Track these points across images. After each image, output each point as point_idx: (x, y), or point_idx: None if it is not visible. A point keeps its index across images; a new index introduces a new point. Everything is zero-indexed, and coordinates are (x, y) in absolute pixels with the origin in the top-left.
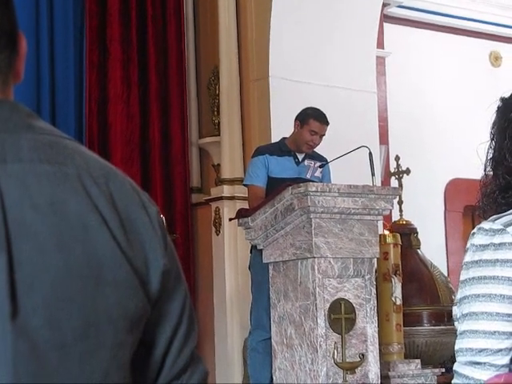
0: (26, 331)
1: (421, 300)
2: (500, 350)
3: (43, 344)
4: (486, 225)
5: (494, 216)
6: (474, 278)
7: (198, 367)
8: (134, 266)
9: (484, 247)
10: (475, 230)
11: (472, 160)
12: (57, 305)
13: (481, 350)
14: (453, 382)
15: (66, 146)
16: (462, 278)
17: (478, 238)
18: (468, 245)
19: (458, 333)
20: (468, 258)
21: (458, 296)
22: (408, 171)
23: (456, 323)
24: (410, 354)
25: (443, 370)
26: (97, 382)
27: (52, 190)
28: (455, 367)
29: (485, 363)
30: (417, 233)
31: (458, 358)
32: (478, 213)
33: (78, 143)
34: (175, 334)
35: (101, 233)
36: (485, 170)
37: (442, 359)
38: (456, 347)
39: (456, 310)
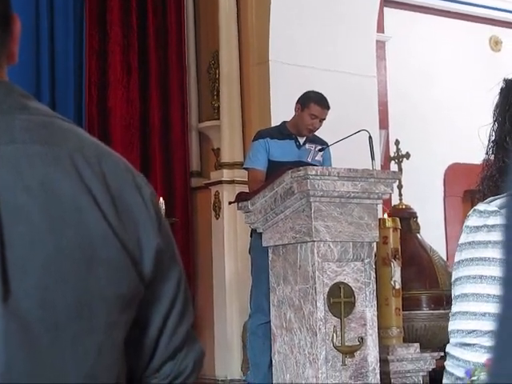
0: (17, 313)
1: (420, 284)
2: (490, 332)
3: (36, 325)
4: (480, 206)
5: (490, 198)
6: (466, 259)
7: (194, 347)
8: (126, 247)
9: (478, 229)
10: (470, 212)
11: (472, 144)
12: (49, 286)
13: (471, 332)
14: (445, 363)
15: (60, 126)
16: (455, 259)
17: (472, 220)
18: (463, 226)
19: (450, 314)
20: (462, 239)
21: (452, 278)
22: (408, 155)
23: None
24: (408, 337)
25: (442, 353)
26: (90, 362)
27: (44, 171)
28: (447, 349)
29: (475, 344)
30: (416, 217)
31: (451, 340)
32: (478, 196)
33: (72, 124)
34: (169, 314)
35: (93, 214)
36: (487, 153)
37: (440, 343)
38: (449, 328)
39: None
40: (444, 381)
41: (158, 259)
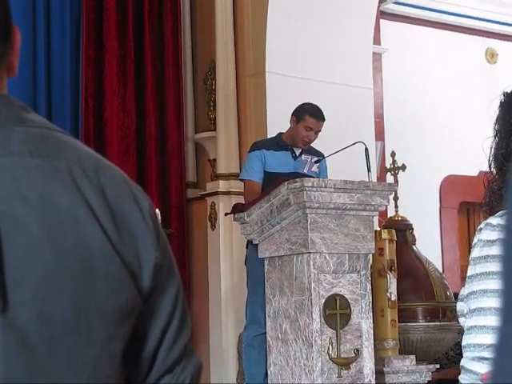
0: (15, 325)
1: (416, 296)
2: None
3: (33, 337)
4: (493, 220)
5: (502, 211)
6: (482, 273)
7: (192, 360)
8: (124, 260)
9: (492, 242)
10: (482, 226)
11: (468, 156)
12: (47, 298)
13: (488, 346)
14: (460, 377)
15: (57, 139)
16: (469, 273)
17: (485, 234)
18: (475, 240)
19: (465, 328)
20: (475, 253)
21: (466, 291)
22: (404, 167)
23: (461, 319)
24: (404, 349)
25: (438, 366)
26: (87, 374)
27: (42, 183)
28: (462, 363)
29: None
30: (412, 229)
31: (466, 354)
32: (485, 209)
33: (70, 136)
34: (167, 328)
35: (91, 226)
36: (490, 167)
37: (436, 355)
38: (463, 343)
39: (461, 306)
40: None
41: (157, 272)
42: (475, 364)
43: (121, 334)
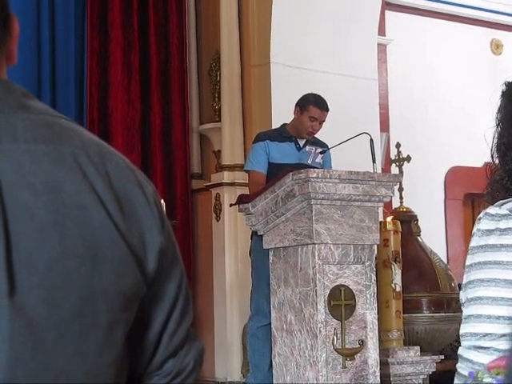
0: (23, 310)
1: (420, 287)
2: (504, 335)
3: (40, 322)
4: (492, 210)
5: (501, 201)
6: (479, 262)
7: (195, 344)
8: (130, 245)
9: (490, 232)
10: (481, 215)
11: (473, 148)
12: (53, 283)
13: (485, 335)
14: (457, 366)
15: (61, 125)
16: (467, 262)
17: (483, 223)
18: (474, 230)
19: (462, 317)
20: (474, 242)
21: (464, 281)
22: (409, 158)
23: (463, 308)
24: (409, 340)
25: (442, 357)
26: (92, 358)
27: (47, 169)
28: (460, 351)
29: (489, 348)
30: (417, 220)
31: (463, 343)
32: (487, 199)
33: (74, 122)
34: (171, 313)
35: (97, 212)
36: (492, 157)
37: (441, 346)
38: (461, 331)
39: (462, 295)
40: (455, 382)
41: (162, 257)
42: (471, 353)
43: (125, 319)
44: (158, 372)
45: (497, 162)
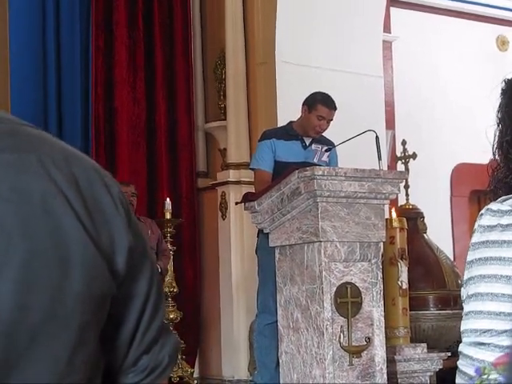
0: None
1: (427, 284)
2: (505, 331)
3: (13, 326)
4: (494, 206)
5: (503, 197)
6: (480, 258)
7: (169, 339)
8: (99, 246)
9: (491, 228)
10: (483, 211)
11: (478, 145)
12: (25, 289)
13: (485, 331)
14: (458, 362)
15: (27, 133)
16: (468, 258)
17: (485, 219)
18: (475, 226)
19: (463, 313)
20: (475, 238)
21: (465, 277)
22: (414, 156)
23: (464, 304)
24: (416, 338)
25: (449, 354)
26: (64, 359)
27: (14, 177)
28: (460, 348)
29: (489, 344)
30: (423, 217)
31: (464, 339)
32: (490, 196)
33: (40, 130)
34: (144, 310)
35: (66, 215)
36: (494, 154)
37: (448, 343)
38: (461, 328)
39: (463, 292)
40: (457, 380)
41: (131, 256)
42: (471, 349)
43: (96, 320)
44: (133, 368)
45: (499, 159)
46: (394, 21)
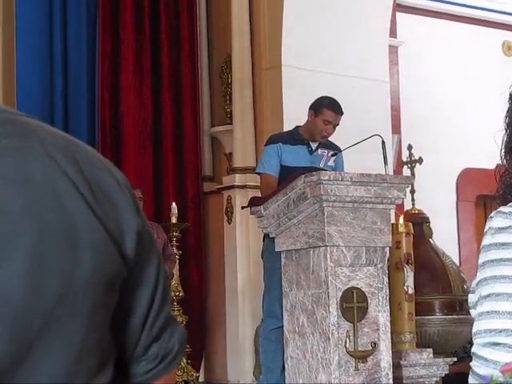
0: (7, 299)
1: (433, 289)
2: None
3: (26, 310)
4: (505, 208)
5: None
6: (493, 260)
7: (176, 328)
8: (108, 230)
9: (503, 230)
10: (493, 214)
11: (484, 150)
12: (36, 273)
13: (500, 331)
14: (471, 364)
15: (27, 122)
16: (480, 261)
17: (497, 221)
18: (486, 228)
19: (475, 315)
20: (487, 240)
21: (477, 279)
22: (420, 160)
23: (472, 311)
24: (421, 343)
25: (455, 359)
26: (76, 344)
27: (18, 162)
28: (473, 349)
29: (504, 344)
30: (429, 222)
31: (477, 341)
32: (498, 201)
33: (38, 120)
34: (153, 297)
35: (73, 199)
36: (502, 159)
37: (453, 348)
38: (474, 329)
39: (472, 298)
40: (470, 381)
41: (139, 240)
42: (485, 350)
43: (107, 304)
44: (144, 357)
45: (507, 165)
46: (400, 26)
